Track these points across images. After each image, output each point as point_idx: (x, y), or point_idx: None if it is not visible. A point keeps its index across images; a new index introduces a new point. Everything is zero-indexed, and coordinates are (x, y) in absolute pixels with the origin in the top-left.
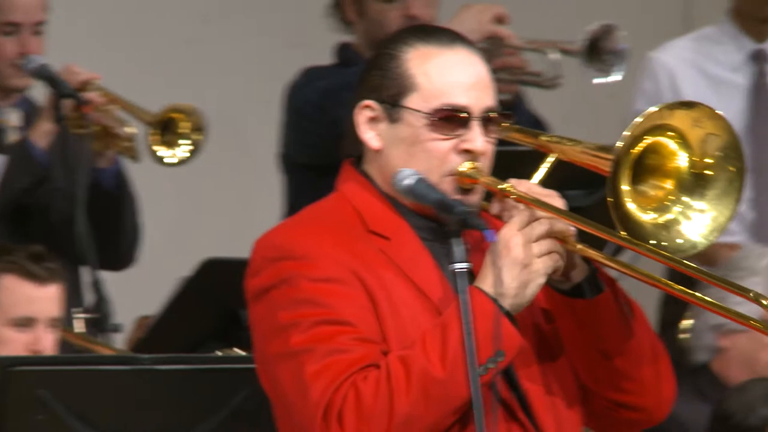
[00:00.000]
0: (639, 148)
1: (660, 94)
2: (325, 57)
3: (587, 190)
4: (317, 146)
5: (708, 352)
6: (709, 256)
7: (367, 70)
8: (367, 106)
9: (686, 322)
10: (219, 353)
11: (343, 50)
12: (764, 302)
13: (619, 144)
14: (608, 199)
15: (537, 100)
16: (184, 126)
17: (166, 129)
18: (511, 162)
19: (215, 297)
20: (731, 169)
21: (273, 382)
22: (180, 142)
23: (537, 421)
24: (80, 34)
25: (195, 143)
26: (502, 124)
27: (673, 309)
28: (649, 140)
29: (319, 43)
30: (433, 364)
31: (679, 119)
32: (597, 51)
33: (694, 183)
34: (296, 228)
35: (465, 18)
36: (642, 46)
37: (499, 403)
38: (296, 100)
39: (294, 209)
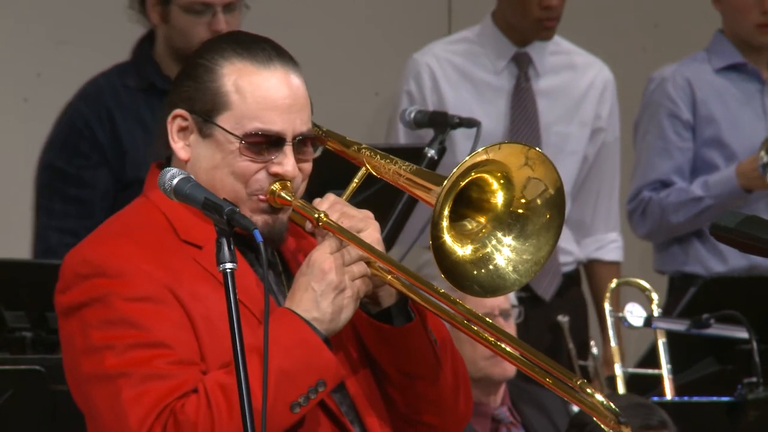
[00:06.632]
0: (462, 183)
1: (423, 96)
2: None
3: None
4: None
5: None
6: None
7: (181, 77)
8: (179, 116)
9: None
10: None
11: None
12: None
13: (444, 184)
14: (432, 239)
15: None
16: None
17: None
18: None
19: None
20: (548, 215)
21: (86, 401)
22: None
23: None
24: None
25: None
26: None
27: None
28: (474, 175)
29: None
30: (253, 394)
31: (509, 156)
32: None
33: (511, 220)
34: (108, 242)
35: None
36: (407, 46)
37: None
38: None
39: None
